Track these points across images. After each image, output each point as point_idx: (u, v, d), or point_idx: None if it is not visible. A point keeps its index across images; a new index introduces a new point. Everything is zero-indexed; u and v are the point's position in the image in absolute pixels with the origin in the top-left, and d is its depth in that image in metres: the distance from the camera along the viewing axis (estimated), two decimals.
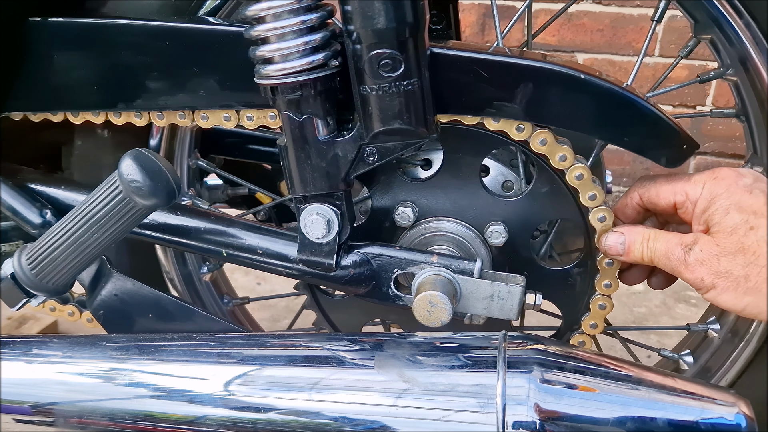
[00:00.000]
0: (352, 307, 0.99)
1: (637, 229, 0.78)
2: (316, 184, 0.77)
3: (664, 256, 0.74)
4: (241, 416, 0.74)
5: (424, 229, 0.88)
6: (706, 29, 0.82)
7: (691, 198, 0.75)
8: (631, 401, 0.67)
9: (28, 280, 0.80)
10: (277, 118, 0.80)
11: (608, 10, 2.05)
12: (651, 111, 0.74)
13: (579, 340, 0.89)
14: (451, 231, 0.87)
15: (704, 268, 0.71)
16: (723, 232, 0.70)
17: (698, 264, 0.71)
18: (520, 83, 0.73)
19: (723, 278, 0.70)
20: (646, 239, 0.76)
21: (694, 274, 0.72)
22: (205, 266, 1.10)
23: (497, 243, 0.86)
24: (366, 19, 0.66)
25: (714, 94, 2.08)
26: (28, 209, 0.89)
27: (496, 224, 0.85)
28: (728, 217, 0.70)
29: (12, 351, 0.81)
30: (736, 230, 0.70)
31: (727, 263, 0.70)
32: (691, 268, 0.72)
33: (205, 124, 0.84)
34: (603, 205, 0.79)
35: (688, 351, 0.97)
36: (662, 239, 0.75)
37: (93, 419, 0.77)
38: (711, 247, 0.71)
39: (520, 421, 0.66)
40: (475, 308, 0.79)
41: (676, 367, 0.98)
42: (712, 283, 0.71)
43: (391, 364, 0.73)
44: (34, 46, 0.82)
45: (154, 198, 0.71)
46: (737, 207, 0.70)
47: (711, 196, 0.73)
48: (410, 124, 0.72)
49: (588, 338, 0.89)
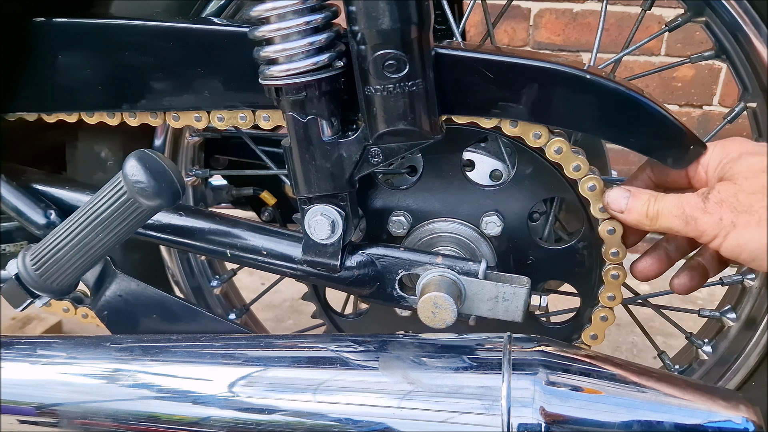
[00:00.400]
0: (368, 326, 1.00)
1: (645, 191, 0.76)
2: (321, 185, 0.77)
3: (675, 208, 0.71)
4: (245, 417, 0.74)
5: (420, 234, 0.89)
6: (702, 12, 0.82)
7: (702, 162, 0.73)
8: (637, 404, 0.66)
9: (33, 281, 0.80)
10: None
11: (614, 9, 2.05)
12: (657, 111, 0.73)
13: (601, 315, 0.87)
14: (447, 230, 0.87)
15: (723, 207, 0.68)
16: (739, 173, 0.68)
17: (717, 205, 0.68)
18: (525, 84, 0.73)
19: (744, 213, 0.67)
20: (653, 198, 0.74)
21: (714, 215, 0.68)
22: (215, 279, 1.11)
23: (494, 233, 0.86)
24: (370, 20, 0.66)
25: (721, 94, 2.07)
26: (32, 210, 0.89)
27: (489, 215, 0.85)
28: (741, 161, 0.69)
29: (16, 351, 0.82)
30: (752, 168, 0.68)
31: (746, 199, 0.67)
32: (710, 210, 0.68)
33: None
34: (589, 173, 0.78)
35: (729, 307, 0.96)
36: (671, 197, 0.73)
37: (97, 420, 0.77)
38: (728, 186, 0.68)
39: (525, 423, 0.66)
40: (480, 309, 0.79)
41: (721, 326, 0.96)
42: (732, 222, 0.67)
43: (395, 366, 0.73)
44: (38, 46, 0.82)
45: (159, 199, 0.72)
46: (750, 152, 0.70)
47: (723, 152, 0.72)
48: (415, 125, 0.72)
49: (610, 312, 0.87)
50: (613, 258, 0.82)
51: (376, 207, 0.88)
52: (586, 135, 0.91)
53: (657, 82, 2.07)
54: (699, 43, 1.97)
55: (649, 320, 1.77)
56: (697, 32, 1.94)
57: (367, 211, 0.88)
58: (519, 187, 0.85)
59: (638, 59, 2.06)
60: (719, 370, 0.94)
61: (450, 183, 0.86)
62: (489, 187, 0.86)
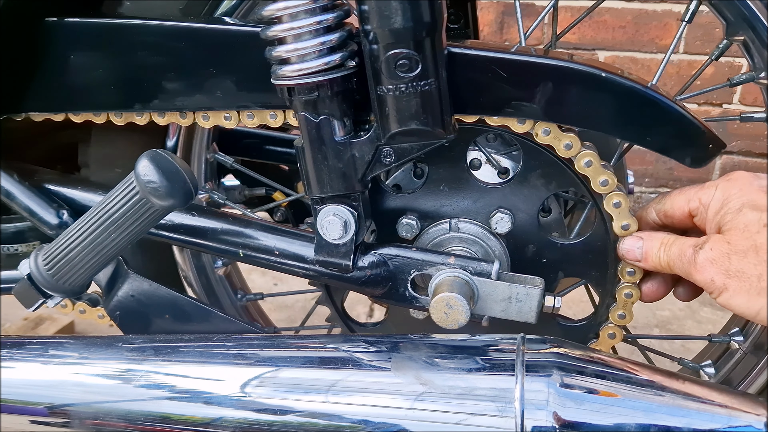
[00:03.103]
0: None
1: (657, 235, 0.77)
2: (333, 185, 0.77)
3: (678, 259, 0.72)
4: (257, 418, 0.74)
5: (433, 234, 0.88)
6: (738, 30, 0.80)
7: (704, 203, 0.73)
8: (653, 407, 0.65)
9: (45, 281, 0.81)
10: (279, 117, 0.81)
11: (631, 6, 2.02)
12: (675, 110, 0.72)
13: (619, 312, 0.86)
14: (458, 230, 0.87)
15: (714, 267, 0.68)
16: (735, 230, 0.68)
17: (708, 263, 0.68)
18: (539, 83, 0.72)
19: (735, 278, 0.67)
20: (664, 244, 0.75)
21: (704, 274, 0.69)
22: (219, 260, 1.11)
23: (504, 230, 0.85)
24: (383, 19, 0.65)
25: (741, 92, 2.04)
26: (44, 210, 0.90)
27: (500, 212, 0.85)
28: (741, 215, 0.68)
29: (28, 352, 0.82)
30: (748, 227, 0.67)
31: (738, 262, 0.67)
32: (700, 267, 0.69)
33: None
34: (617, 191, 0.77)
35: (709, 362, 0.95)
36: (678, 242, 0.73)
37: (109, 421, 0.77)
38: (721, 245, 0.68)
39: (539, 426, 0.66)
40: (493, 310, 0.78)
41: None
42: (724, 284, 0.68)
43: (408, 366, 0.73)
44: (50, 46, 0.82)
45: (171, 199, 0.72)
46: (751, 205, 0.68)
47: (724, 197, 0.71)
48: (427, 125, 0.71)
49: (629, 311, 0.86)
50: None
51: (385, 212, 0.87)
52: None
53: (675, 80, 2.05)
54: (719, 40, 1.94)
55: (667, 323, 1.75)
56: (717, 29, 1.91)
57: (376, 217, 0.87)
58: (526, 183, 0.84)
59: (656, 57, 2.04)
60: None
61: (456, 183, 0.85)
62: (496, 185, 0.85)
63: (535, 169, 0.83)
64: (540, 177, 0.83)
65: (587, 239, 0.85)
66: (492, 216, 0.85)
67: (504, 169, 0.88)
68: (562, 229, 0.91)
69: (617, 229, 0.79)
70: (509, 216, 0.84)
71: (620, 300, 0.84)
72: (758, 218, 0.67)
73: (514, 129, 0.76)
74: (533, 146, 0.81)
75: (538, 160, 0.82)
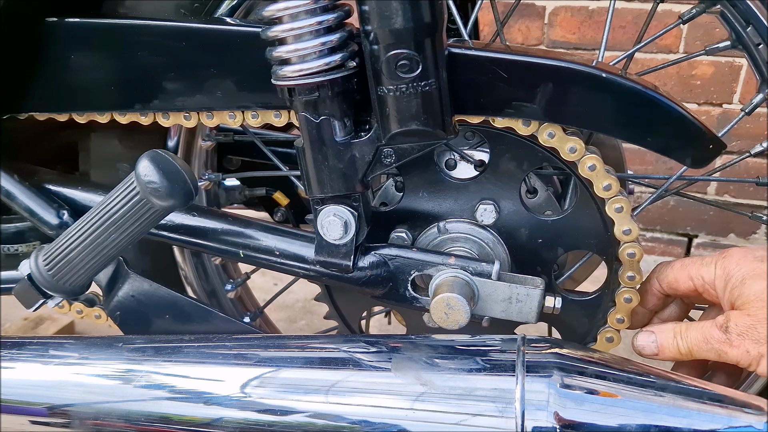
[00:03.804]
0: None
1: (667, 326, 0.77)
2: (333, 185, 0.77)
3: (704, 343, 0.73)
4: (257, 418, 0.74)
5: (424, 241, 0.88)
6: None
7: (707, 280, 0.75)
8: (654, 408, 0.65)
9: (45, 281, 0.81)
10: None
11: (631, 6, 2.02)
12: (675, 110, 0.72)
13: (628, 274, 0.84)
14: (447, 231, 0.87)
15: (746, 340, 0.69)
16: (748, 302, 0.70)
17: (740, 338, 0.70)
18: (540, 83, 0.72)
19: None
20: (678, 333, 0.75)
21: (740, 348, 0.70)
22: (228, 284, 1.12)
23: (491, 220, 0.85)
24: (383, 19, 0.65)
25: (741, 92, 2.04)
26: (45, 210, 0.90)
27: (482, 204, 0.85)
28: (746, 287, 0.70)
29: (28, 352, 0.82)
30: (759, 297, 0.69)
31: (764, 330, 0.68)
32: (735, 344, 0.70)
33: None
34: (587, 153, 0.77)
35: None
36: (695, 328, 0.74)
37: (109, 421, 0.77)
38: (743, 319, 0.70)
39: (539, 426, 0.66)
40: (493, 311, 0.78)
41: None
42: (759, 353, 0.69)
43: (408, 367, 0.73)
44: (51, 46, 0.82)
45: (172, 199, 0.72)
46: (752, 276, 0.70)
47: (725, 274, 0.73)
48: (428, 125, 0.71)
49: (637, 271, 0.84)
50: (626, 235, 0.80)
51: (376, 230, 0.87)
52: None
53: (675, 80, 2.05)
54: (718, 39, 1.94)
55: None
56: (717, 29, 1.91)
57: (370, 237, 0.86)
58: (499, 170, 0.84)
59: (656, 57, 2.04)
60: None
61: (433, 186, 0.86)
62: (471, 180, 0.85)
63: (503, 154, 0.83)
64: (510, 160, 0.83)
65: (575, 209, 0.85)
66: (476, 209, 0.86)
67: (480, 162, 0.88)
68: (554, 207, 0.91)
69: (599, 191, 0.78)
70: (492, 205, 0.85)
71: (625, 262, 0.82)
72: (763, 287, 0.69)
73: (519, 131, 0.76)
74: (494, 132, 0.80)
75: (504, 144, 0.82)
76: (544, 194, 0.90)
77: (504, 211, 0.86)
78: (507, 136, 0.80)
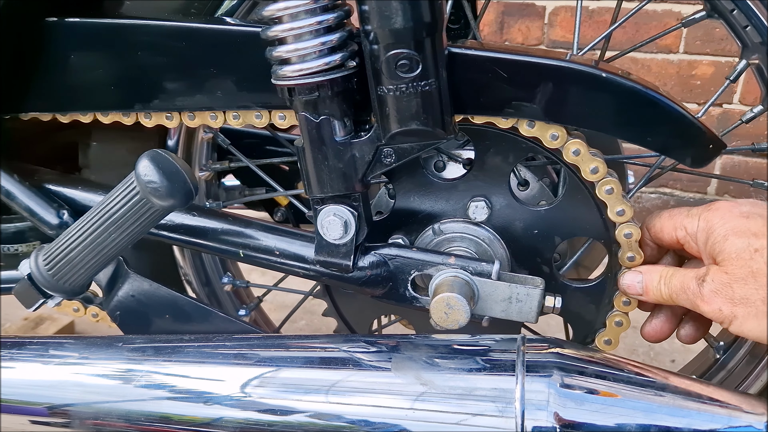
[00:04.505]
0: None
1: (656, 268, 0.77)
2: (333, 185, 0.77)
3: (681, 291, 0.73)
4: (258, 418, 0.74)
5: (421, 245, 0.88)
6: None
7: (689, 232, 0.74)
8: (654, 408, 0.65)
9: (45, 281, 0.81)
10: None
11: (631, 6, 2.02)
12: (675, 110, 0.72)
13: (627, 255, 0.83)
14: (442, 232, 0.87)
15: (720, 297, 0.69)
16: (728, 259, 0.68)
17: (713, 294, 0.69)
18: (539, 83, 0.72)
19: (741, 305, 0.67)
20: (664, 277, 0.75)
21: (712, 305, 0.69)
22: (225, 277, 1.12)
23: (483, 217, 0.85)
24: (383, 19, 0.65)
25: (741, 92, 2.04)
26: (45, 210, 0.90)
27: (473, 202, 0.85)
28: (728, 244, 0.69)
29: (28, 352, 0.82)
30: (740, 255, 0.68)
31: (740, 289, 0.67)
32: (707, 299, 0.70)
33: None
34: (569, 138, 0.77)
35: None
36: (678, 275, 0.74)
37: (109, 421, 0.77)
38: (721, 276, 0.69)
39: (539, 426, 0.66)
40: (493, 310, 0.78)
41: None
42: (732, 313, 0.68)
43: (408, 367, 0.73)
44: (51, 46, 0.82)
45: (172, 199, 0.72)
46: (734, 232, 0.69)
47: (707, 227, 0.72)
48: (428, 125, 0.71)
49: (635, 251, 0.83)
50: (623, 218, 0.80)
51: (376, 239, 0.86)
52: None
53: (675, 80, 2.05)
54: (719, 40, 1.94)
55: None
56: (717, 29, 1.91)
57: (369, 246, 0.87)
58: (485, 166, 0.84)
59: (656, 57, 2.04)
60: None
61: (424, 189, 0.86)
62: (459, 179, 0.85)
63: (487, 149, 0.83)
64: (495, 155, 0.83)
65: (566, 196, 0.84)
66: (468, 208, 0.86)
67: (468, 161, 0.88)
68: (548, 197, 0.90)
69: (586, 175, 0.78)
70: (483, 202, 0.85)
71: (623, 243, 0.82)
72: (746, 245, 0.68)
73: (522, 132, 0.76)
74: (474, 128, 0.80)
75: (486, 140, 0.82)
76: (536, 185, 0.90)
77: (496, 206, 0.85)
78: (488, 131, 0.80)
